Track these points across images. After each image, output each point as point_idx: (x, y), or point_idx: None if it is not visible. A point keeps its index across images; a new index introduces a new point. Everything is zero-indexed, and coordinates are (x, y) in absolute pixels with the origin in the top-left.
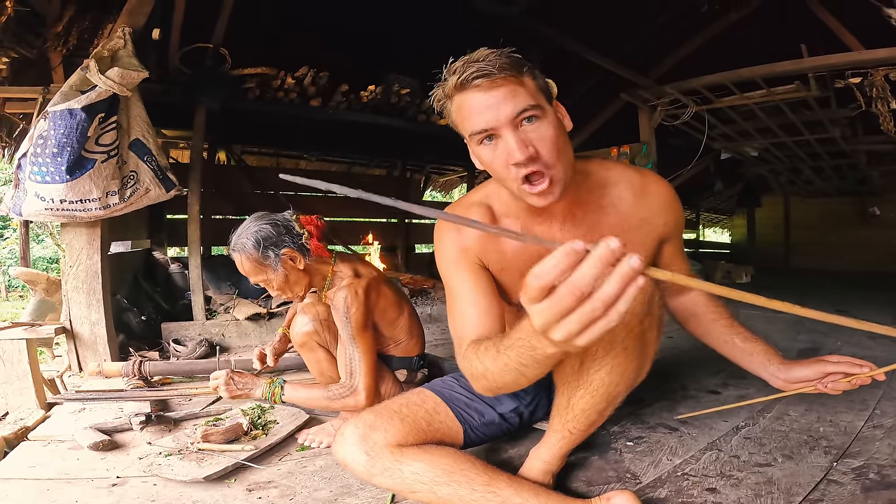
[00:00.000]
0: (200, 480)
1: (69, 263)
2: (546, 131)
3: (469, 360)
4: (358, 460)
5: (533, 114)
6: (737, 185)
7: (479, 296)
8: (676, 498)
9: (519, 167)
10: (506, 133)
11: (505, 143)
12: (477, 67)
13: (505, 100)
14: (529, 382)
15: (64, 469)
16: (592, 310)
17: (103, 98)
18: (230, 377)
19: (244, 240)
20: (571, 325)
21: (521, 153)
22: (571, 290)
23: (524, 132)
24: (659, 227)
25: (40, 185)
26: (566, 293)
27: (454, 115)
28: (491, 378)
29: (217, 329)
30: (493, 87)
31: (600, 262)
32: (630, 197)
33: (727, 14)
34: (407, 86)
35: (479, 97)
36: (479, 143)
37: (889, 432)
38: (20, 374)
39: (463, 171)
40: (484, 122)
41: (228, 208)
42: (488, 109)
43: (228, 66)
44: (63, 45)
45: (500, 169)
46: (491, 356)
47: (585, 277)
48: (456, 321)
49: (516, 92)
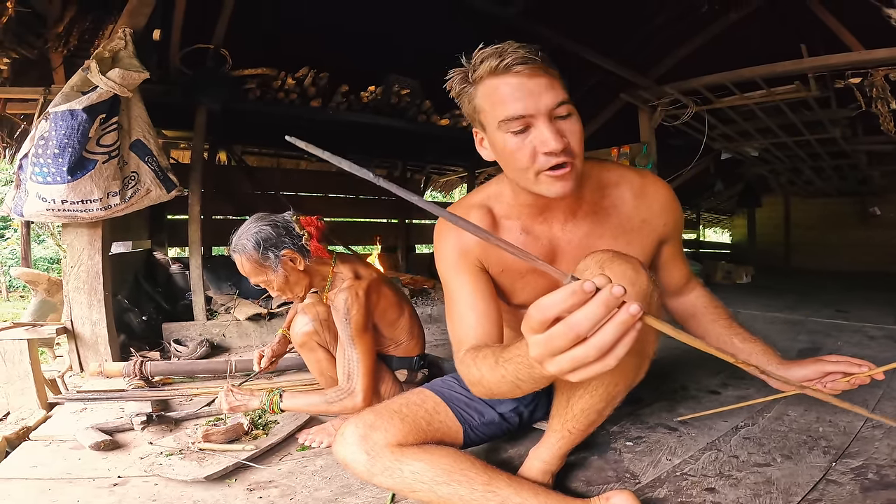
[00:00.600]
0: (201, 480)
1: (70, 264)
2: (576, 127)
3: (466, 366)
4: (358, 460)
5: (569, 110)
6: (737, 185)
7: (478, 299)
8: (675, 498)
9: (550, 157)
10: (541, 122)
11: (539, 131)
12: (521, 54)
13: (547, 90)
14: (525, 394)
15: (65, 469)
16: (585, 355)
17: (104, 99)
18: (228, 390)
19: (244, 241)
20: (564, 364)
21: (557, 142)
22: (567, 331)
23: (557, 124)
24: (659, 229)
25: (41, 186)
26: (561, 334)
27: (480, 100)
28: (486, 386)
29: (218, 329)
30: (534, 75)
31: (604, 308)
32: (630, 198)
33: (727, 14)
34: (407, 86)
35: (519, 83)
36: (508, 131)
37: (888, 432)
38: (21, 375)
39: (463, 172)
40: (522, 108)
41: (229, 209)
42: (529, 96)
43: (229, 67)
44: (64, 45)
45: (525, 158)
46: (488, 365)
47: (585, 321)
48: (455, 324)
49: (554, 84)
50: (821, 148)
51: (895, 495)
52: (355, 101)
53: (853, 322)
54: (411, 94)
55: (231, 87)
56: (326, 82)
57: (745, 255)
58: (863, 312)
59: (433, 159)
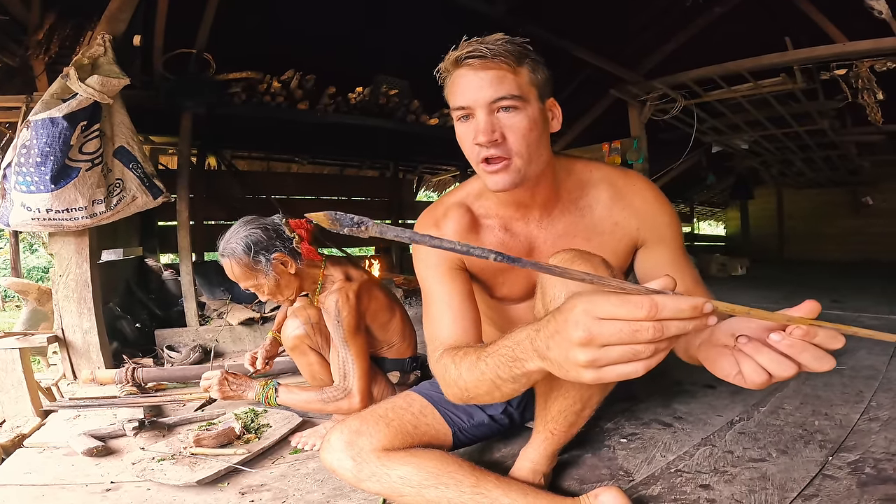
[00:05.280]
0: (193, 484)
1: (59, 273)
2: (520, 123)
3: (444, 366)
4: (345, 466)
5: (511, 104)
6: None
7: (456, 299)
8: (670, 495)
9: (480, 147)
10: (479, 113)
11: (476, 121)
12: (474, 48)
13: (490, 84)
14: (503, 398)
15: (59, 475)
16: (635, 352)
17: (84, 106)
18: (224, 377)
19: (233, 244)
20: (611, 353)
21: (484, 135)
22: (636, 333)
23: (497, 118)
24: (632, 233)
25: (26, 195)
26: (629, 332)
27: (447, 88)
28: (463, 386)
29: (211, 335)
30: (482, 68)
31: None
32: (606, 199)
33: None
34: (395, 86)
35: (468, 76)
36: (458, 119)
37: (885, 425)
38: (15, 383)
39: (455, 171)
40: (463, 100)
41: (220, 214)
42: (471, 89)
43: (213, 71)
44: (45, 52)
45: (467, 146)
46: (468, 363)
47: (673, 329)
48: (432, 323)
49: (503, 79)
50: (810, 139)
51: (893, 490)
52: (343, 103)
53: (849, 312)
54: (400, 95)
55: (215, 92)
56: (313, 84)
57: (740, 247)
58: (858, 302)
59: (424, 159)
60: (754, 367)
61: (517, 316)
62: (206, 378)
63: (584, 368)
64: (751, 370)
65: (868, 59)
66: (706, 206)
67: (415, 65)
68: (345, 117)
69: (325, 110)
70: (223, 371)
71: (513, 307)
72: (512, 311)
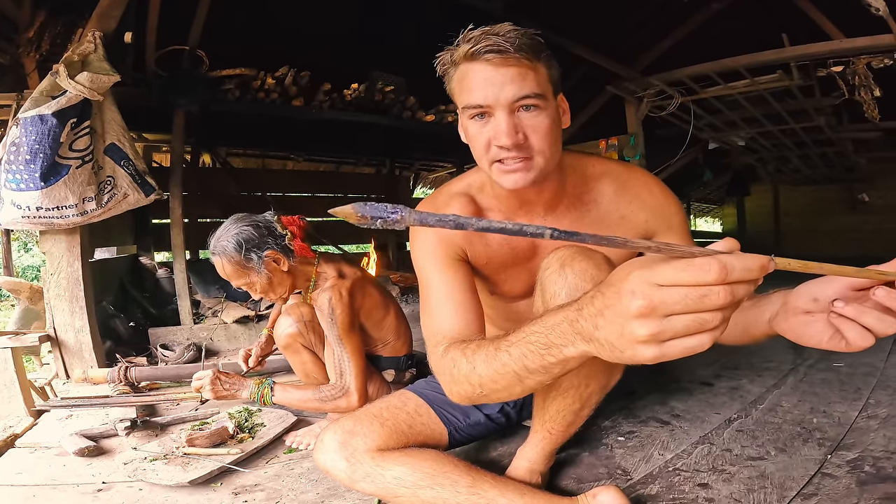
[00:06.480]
0: (185, 485)
1: (50, 271)
2: (542, 123)
3: (451, 360)
4: (339, 467)
5: (534, 103)
6: (725, 174)
7: (458, 290)
8: (668, 494)
9: (500, 150)
10: (500, 113)
11: (496, 122)
12: (493, 41)
13: (512, 81)
14: (521, 394)
15: (50, 475)
16: (704, 321)
17: (74, 103)
18: (216, 377)
19: (224, 242)
20: (677, 323)
21: (509, 138)
22: (708, 299)
23: (519, 118)
24: (640, 226)
25: (15, 193)
26: (697, 297)
27: (454, 83)
28: (476, 382)
29: (205, 333)
30: (503, 64)
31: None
32: (611, 193)
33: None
34: (391, 83)
35: (486, 71)
36: (471, 117)
37: (884, 423)
38: (7, 383)
39: (452, 168)
40: (482, 98)
41: (215, 211)
42: (491, 86)
43: (206, 68)
44: (36, 50)
45: (481, 146)
46: (484, 355)
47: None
48: (433, 316)
49: (525, 76)
50: (807, 136)
51: (892, 488)
52: (338, 100)
53: None
54: (395, 91)
55: (209, 88)
56: (308, 81)
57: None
58: None
59: (421, 156)
60: (860, 331)
61: (517, 313)
62: (197, 378)
63: (644, 345)
64: (856, 334)
65: (865, 55)
66: (703, 203)
67: (410, 61)
68: (340, 114)
69: (320, 107)
70: (215, 370)
71: (512, 304)
72: (511, 308)
